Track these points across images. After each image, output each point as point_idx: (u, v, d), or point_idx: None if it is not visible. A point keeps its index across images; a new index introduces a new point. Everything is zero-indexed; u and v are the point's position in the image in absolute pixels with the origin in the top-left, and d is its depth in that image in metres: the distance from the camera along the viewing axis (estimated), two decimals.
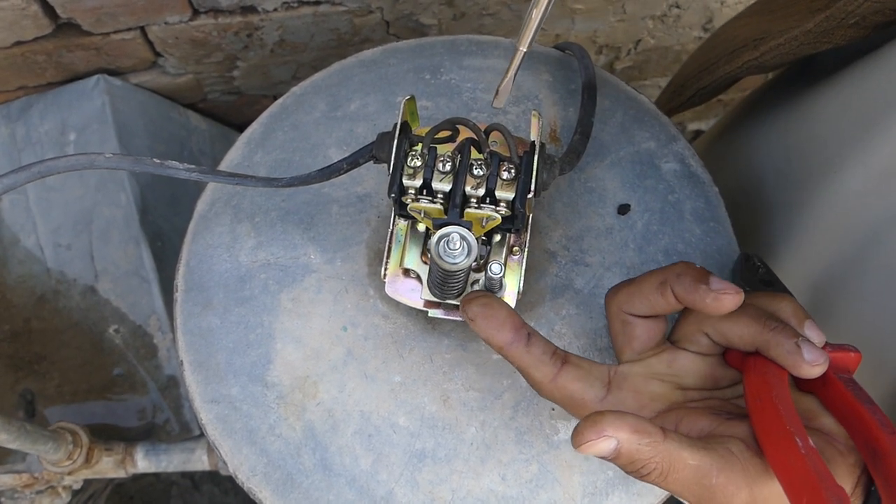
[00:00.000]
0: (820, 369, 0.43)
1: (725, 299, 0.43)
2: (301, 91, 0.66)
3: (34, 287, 1.02)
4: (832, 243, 0.62)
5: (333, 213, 0.62)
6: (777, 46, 0.62)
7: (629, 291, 0.48)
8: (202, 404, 0.58)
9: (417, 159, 0.51)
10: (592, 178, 0.63)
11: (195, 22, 0.98)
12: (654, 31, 1.24)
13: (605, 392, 0.49)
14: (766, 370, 0.44)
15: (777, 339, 0.44)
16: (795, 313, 0.47)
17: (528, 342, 0.48)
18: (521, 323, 0.48)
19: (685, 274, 0.45)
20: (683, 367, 0.49)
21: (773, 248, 0.69)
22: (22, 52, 0.97)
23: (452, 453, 0.57)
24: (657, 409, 0.48)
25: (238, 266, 0.61)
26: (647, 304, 0.47)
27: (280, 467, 0.56)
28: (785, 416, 0.41)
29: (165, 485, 1.39)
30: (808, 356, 0.43)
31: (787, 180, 0.67)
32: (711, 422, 0.45)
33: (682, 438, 0.41)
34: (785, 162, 0.68)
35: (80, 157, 0.54)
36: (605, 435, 0.40)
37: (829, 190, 0.61)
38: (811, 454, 0.39)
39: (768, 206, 0.70)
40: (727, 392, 0.49)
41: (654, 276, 0.47)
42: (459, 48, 0.68)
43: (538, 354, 0.48)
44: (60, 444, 0.90)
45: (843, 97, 0.62)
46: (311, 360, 0.58)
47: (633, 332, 0.49)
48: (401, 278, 0.57)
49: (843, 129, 0.60)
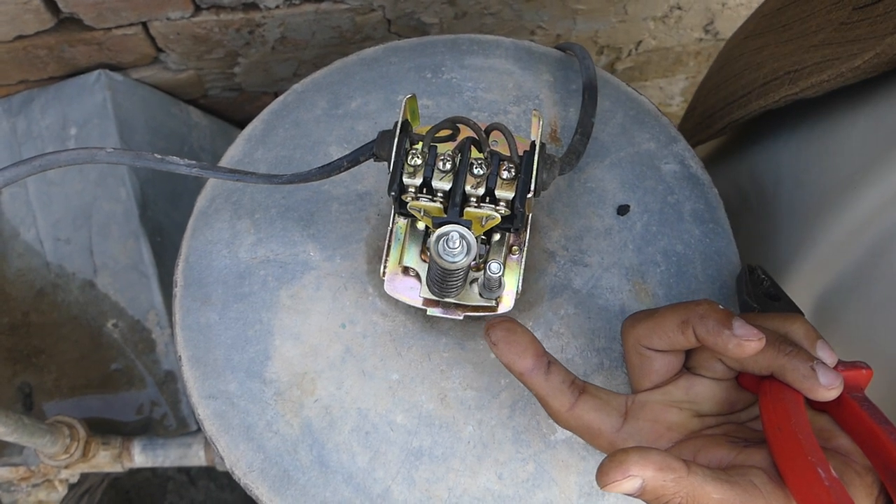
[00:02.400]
0: (836, 392, 0.43)
1: (748, 346, 0.43)
2: (302, 88, 0.67)
3: (33, 280, 1.02)
4: (844, 255, 0.62)
5: (333, 210, 0.62)
6: (820, 83, 0.60)
7: (648, 327, 0.48)
8: (200, 400, 0.58)
9: (418, 158, 0.51)
10: (592, 178, 0.64)
11: (197, 18, 0.98)
12: (655, 32, 1.24)
13: (621, 422, 0.48)
14: (782, 395, 0.44)
15: (792, 364, 0.44)
16: (808, 335, 0.47)
17: (548, 370, 0.48)
18: (542, 351, 0.48)
19: (708, 316, 0.45)
20: (700, 394, 0.48)
21: (782, 255, 0.68)
22: (24, 47, 0.97)
23: (449, 452, 0.57)
24: (675, 438, 0.48)
25: (237, 262, 0.61)
26: (667, 341, 0.47)
27: (277, 464, 0.56)
28: (806, 447, 0.41)
29: (162, 480, 1.39)
30: (824, 380, 0.43)
31: (804, 190, 0.67)
32: (730, 451, 0.45)
33: (705, 472, 0.41)
34: (804, 172, 0.67)
35: (81, 152, 0.54)
36: (630, 475, 0.40)
37: (847, 204, 0.60)
38: (835, 486, 0.39)
39: (781, 214, 0.69)
40: (742, 415, 0.49)
41: (675, 313, 0.47)
42: (461, 47, 0.68)
43: (557, 383, 0.48)
44: (58, 437, 0.90)
45: (870, 114, 0.61)
46: (310, 356, 0.59)
47: (652, 366, 0.49)
48: (400, 276, 0.57)
49: (868, 145, 0.60)
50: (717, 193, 0.64)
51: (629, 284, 0.61)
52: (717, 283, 0.61)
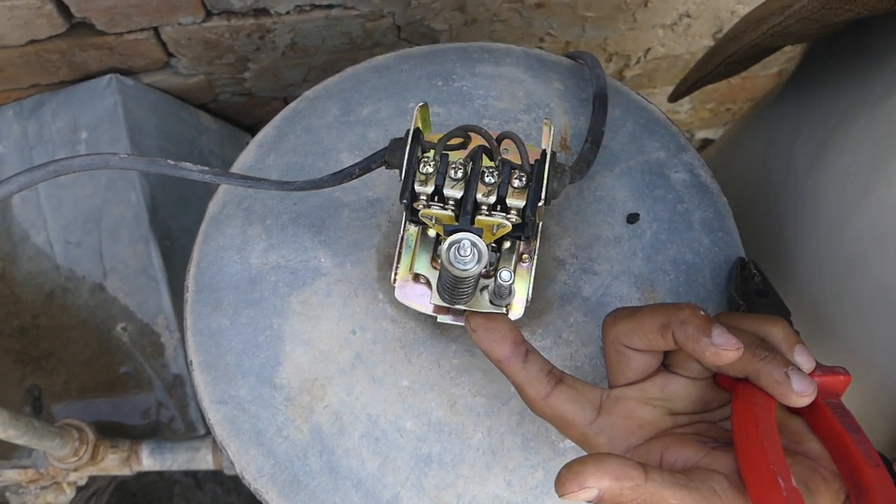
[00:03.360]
0: (808, 399, 0.44)
1: (725, 356, 0.44)
2: (314, 95, 0.67)
3: (43, 284, 1.02)
4: (840, 255, 0.62)
5: (344, 217, 0.62)
6: (800, 10, 0.62)
7: (629, 326, 0.48)
8: (210, 405, 0.58)
9: (429, 166, 0.51)
10: (602, 186, 0.64)
11: (208, 23, 0.99)
12: (664, 40, 1.24)
13: (595, 415, 0.49)
14: (755, 399, 0.45)
15: (767, 369, 0.44)
16: (787, 338, 0.47)
17: (526, 358, 0.49)
18: (521, 339, 0.49)
19: (689, 322, 0.45)
20: (675, 392, 0.49)
21: (779, 252, 0.69)
22: (36, 51, 0.98)
23: (459, 458, 0.57)
24: (645, 435, 0.48)
25: (248, 268, 0.61)
26: (646, 342, 0.47)
27: (287, 469, 0.57)
28: (770, 454, 0.41)
29: (168, 483, 1.40)
30: (797, 387, 0.43)
31: (801, 189, 0.67)
32: (697, 451, 0.46)
33: (664, 477, 0.42)
34: (804, 171, 0.68)
35: (95, 157, 0.54)
36: (586, 486, 0.41)
37: (853, 203, 0.61)
38: (793, 496, 0.40)
39: (777, 213, 0.70)
40: (716, 414, 0.49)
41: (656, 315, 0.47)
42: (472, 55, 0.68)
43: (534, 371, 0.49)
44: (67, 440, 0.90)
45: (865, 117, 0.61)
46: (320, 362, 0.59)
47: (629, 363, 0.49)
48: (410, 283, 0.57)
49: (865, 151, 0.60)
50: (726, 202, 0.64)
51: (638, 293, 0.61)
52: (726, 291, 0.61)
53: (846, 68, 0.69)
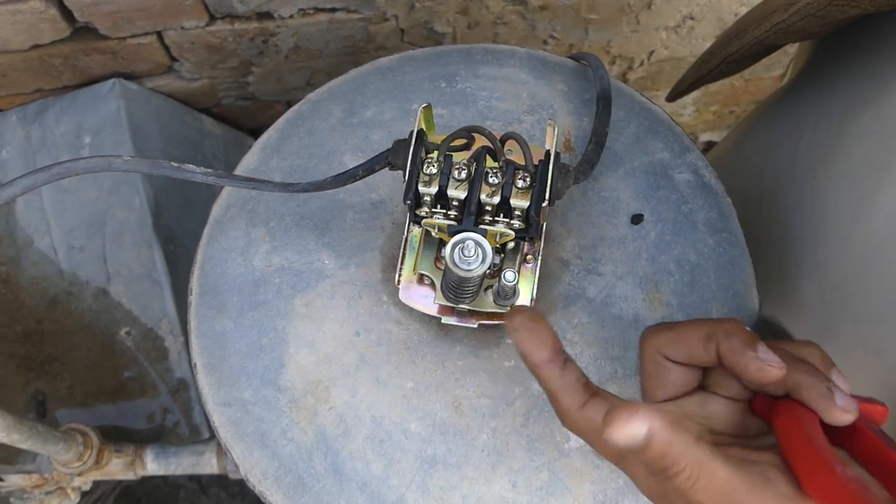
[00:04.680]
0: (851, 416, 0.42)
1: (770, 372, 0.42)
2: (317, 97, 0.67)
3: (47, 288, 1.02)
4: (851, 254, 0.62)
5: (348, 218, 0.62)
6: (805, 6, 0.61)
7: (670, 337, 0.47)
8: (215, 407, 0.58)
9: (433, 167, 0.51)
10: (606, 187, 0.64)
11: (211, 27, 0.99)
12: (667, 42, 1.24)
13: None
14: (799, 413, 0.43)
15: (810, 382, 0.43)
16: (823, 360, 0.46)
17: (564, 366, 0.46)
18: (561, 347, 0.46)
19: (735, 335, 0.44)
20: (715, 412, 0.47)
21: (783, 252, 0.69)
22: (39, 56, 0.98)
23: (463, 459, 0.57)
24: None
25: (252, 270, 0.61)
26: (687, 354, 0.46)
27: (291, 471, 0.57)
28: (821, 448, 0.40)
29: (173, 487, 1.40)
30: (841, 402, 0.42)
31: (807, 188, 0.67)
32: (741, 452, 0.44)
33: (714, 449, 0.40)
34: (809, 170, 0.67)
35: (98, 160, 0.54)
36: (636, 418, 0.38)
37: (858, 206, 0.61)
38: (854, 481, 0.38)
39: (783, 213, 0.70)
40: (754, 442, 0.47)
41: (700, 327, 0.46)
42: (475, 57, 0.68)
43: (571, 380, 0.46)
44: (71, 445, 0.90)
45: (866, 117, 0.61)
46: (324, 364, 0.59)
47: (668, 376, 0.48)
48: (414, 285, 0.57)
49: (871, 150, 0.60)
50: (730, 203, 0.64)
51: (643, 293, 0.61)
52: (731, 291, 0.61)
53: (849, 65, 0.68)
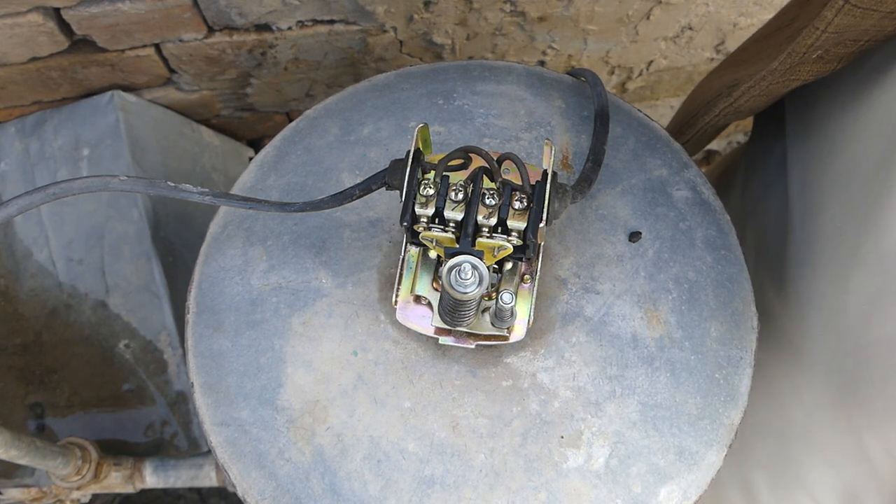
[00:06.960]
0: None
1: None
2: (314, 115, 0.67)
3: (46, 301, 1.02)
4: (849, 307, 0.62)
5: (345, 237, 0.62)
6: (748, 90, 0.64)
7: None
8: (212, 427, 0.58)
9: (430, 188, 0.51)
10: (604, 205, 0.64)
11: (210, 39, 0.99)
12: (666, 52, 1.24)
13: None
14: None
15: None
16: None
17: None
18: None
19: None
20: None
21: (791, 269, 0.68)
22: (37, 68, 0.98)
23: (461, 480, 0.57)
24: None
25: (250, 289, 0.61)
26: None
27: (289, 492, 0.56)
28: None
29: (173, 498, 1.39)
30: None
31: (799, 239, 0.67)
32: None
33: None
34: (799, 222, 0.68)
35: (95, 180, 0.54)
36: None
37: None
38: None
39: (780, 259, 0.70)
40: None
41: None
42: (472, 73, 0.68)
43: None
44: (69, 459, 0.90)
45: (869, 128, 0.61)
46: (322, 384, 0.59)
47: None
48: (412, 305, 0.57)
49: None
50: (728, 220, 0.64)
51: (641, 312, 0.61)
52: (729, 309, 0.61)
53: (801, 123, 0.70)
